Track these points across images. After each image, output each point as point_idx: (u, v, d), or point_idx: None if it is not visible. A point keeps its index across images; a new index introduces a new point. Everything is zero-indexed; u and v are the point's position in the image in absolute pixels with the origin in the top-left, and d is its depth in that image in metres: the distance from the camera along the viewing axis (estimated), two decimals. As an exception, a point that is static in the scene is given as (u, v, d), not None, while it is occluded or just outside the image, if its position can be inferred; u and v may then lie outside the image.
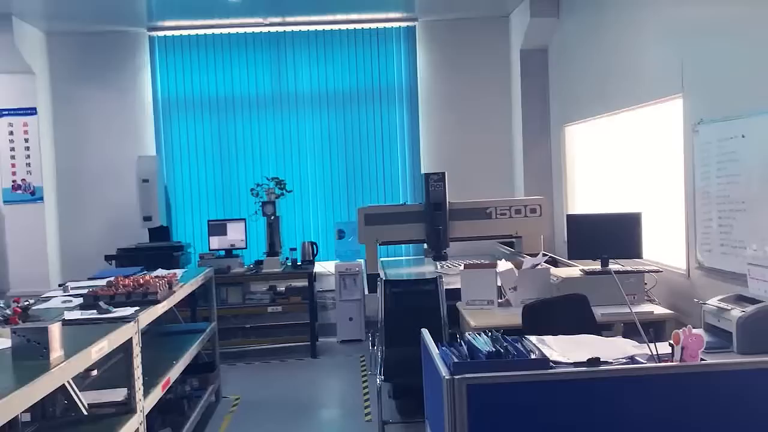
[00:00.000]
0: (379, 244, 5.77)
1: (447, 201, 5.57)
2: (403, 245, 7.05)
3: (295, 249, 6.77)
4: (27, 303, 3.31)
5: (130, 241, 6.71)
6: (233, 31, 7.07)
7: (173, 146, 7.13)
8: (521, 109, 6.90)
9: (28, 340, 2.41)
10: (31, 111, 6.70)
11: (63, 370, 2.36)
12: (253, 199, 6.78)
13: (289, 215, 7.11)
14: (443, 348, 2.13)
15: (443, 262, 5.61)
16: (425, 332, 2.42)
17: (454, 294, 4.45)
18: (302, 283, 6.65)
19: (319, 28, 7.11)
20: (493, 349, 1.95)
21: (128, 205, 6.83)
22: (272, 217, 6.59)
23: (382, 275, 5.37)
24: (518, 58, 6.89)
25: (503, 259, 4.64)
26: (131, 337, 3.07)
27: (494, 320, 3.85)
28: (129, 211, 6.80)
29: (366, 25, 7.15)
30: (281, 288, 6.79)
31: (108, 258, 6.29)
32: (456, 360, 1.93)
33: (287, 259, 6.74)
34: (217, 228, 6.76)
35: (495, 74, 7.24)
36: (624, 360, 2.29)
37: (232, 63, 7.10)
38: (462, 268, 4.33)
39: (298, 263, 6.69)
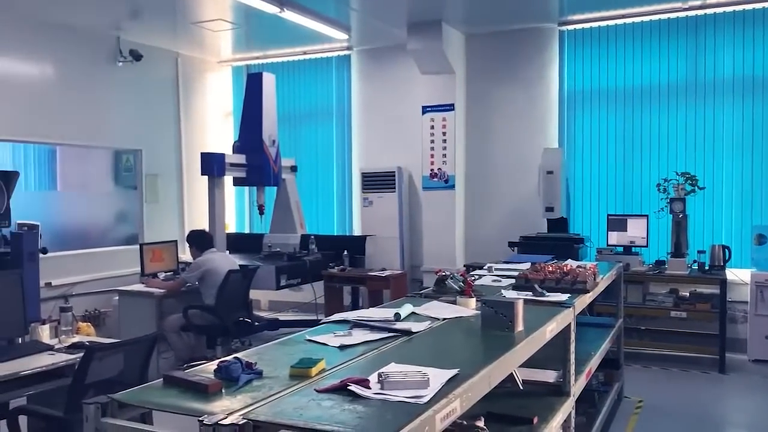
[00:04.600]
0: (822, 254, 4.90)
1: None
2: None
3: (703, 252, 6.19)
4: (473, 278, 3.64)
5: (528, 230, 6.97)
6: (645, 19, 6.74)
7: (576, 138, 7.15)
8: None
9: (496, 312, 2.62)
10: (449, 107, 7.42)
11: (528, 344, 2.51)
12: (657, 195, 6.43)
13: (698, 214, 6.52)
14: None
15: None
16: None
17: None
18: (709, 289, 6.06)
19: (748, 7, 6.33)
20: None
21: (530, 196, 7.12)
22: (680, 216, 6.15)
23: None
24: None
25: None
26: (570, 323, 3.13)
27: None
28: (531, 201, 7.09)
29: (810, -2, 6.12)
30: (684, 293, 6.29)
31: (511, 244, 6.63)
32: None
33: (694, 261, 6.22)
34: (617, 223, 6.58)
35: None
36: None
37: (642, 52, 6.78)
38: None
39: (706, 268, 6.11)
